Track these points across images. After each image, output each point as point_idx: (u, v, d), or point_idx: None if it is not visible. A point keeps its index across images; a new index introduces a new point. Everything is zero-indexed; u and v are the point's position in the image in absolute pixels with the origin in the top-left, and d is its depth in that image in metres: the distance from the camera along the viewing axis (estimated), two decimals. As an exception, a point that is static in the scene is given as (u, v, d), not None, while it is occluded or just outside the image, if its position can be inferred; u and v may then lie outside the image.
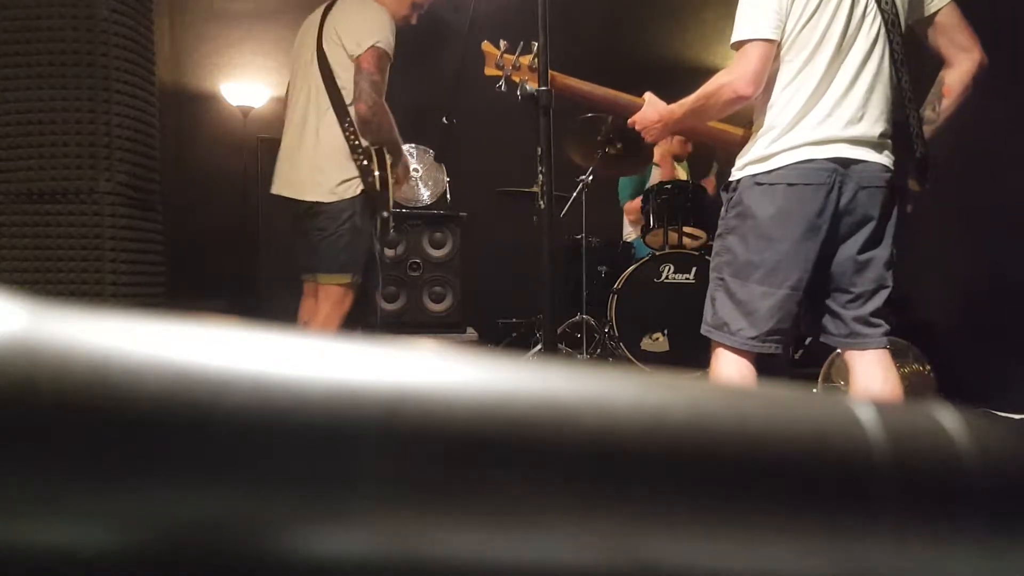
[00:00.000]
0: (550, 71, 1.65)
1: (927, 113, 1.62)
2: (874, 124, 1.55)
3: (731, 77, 1.58)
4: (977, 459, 0.24)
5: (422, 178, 4.28)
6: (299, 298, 2.52)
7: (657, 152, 3.99)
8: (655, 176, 3.96)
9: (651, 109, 1.81)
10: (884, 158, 1.56)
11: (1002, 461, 0.25)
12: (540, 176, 1.64)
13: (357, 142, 2.32)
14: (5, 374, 0.18)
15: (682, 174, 4.08)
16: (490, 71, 1.96)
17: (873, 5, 1.54)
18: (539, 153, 1.63)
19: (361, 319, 2.55)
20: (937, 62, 1.62)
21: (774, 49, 1.56)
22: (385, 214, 2.35)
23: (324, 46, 2.36)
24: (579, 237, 3.55)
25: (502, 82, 1.87)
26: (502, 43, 1.91)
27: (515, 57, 1.91)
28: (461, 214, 4.20)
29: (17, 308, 0.19)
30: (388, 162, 2.39)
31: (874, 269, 1.56)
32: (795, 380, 2.92)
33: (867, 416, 0.24)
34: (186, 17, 4.55)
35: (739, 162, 1.66)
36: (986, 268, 3.12)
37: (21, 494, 0.18)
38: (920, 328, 3.21)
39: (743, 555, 0.23)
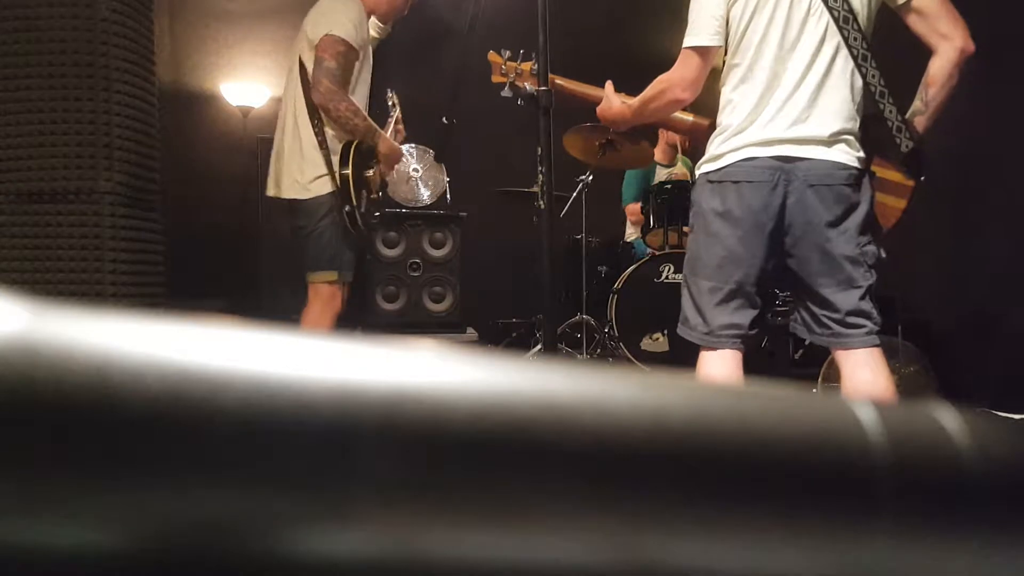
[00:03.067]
0: (550, 74, 1.68)
1: (917, 104, 1.60)
2: (824, 123, 1.54)
3: (669, 83, 1.66)
4: (977, 459, 0.24)
5: (422, 178, 4.28)
6: (299, 298, 2.52)
7: (658, 151, 3.99)
8: (659, 175, 3.96)
9: (607, 104, 1.87)
10: (838, 155, 1.54)
11: (1002, 461, 0.25)
12: (540, 176, 1.64)
13: (322, 137, 2.32)
14: (5, 374, 0.18)
15: (684, 170, 4.08)
16: (496, 78, 2.02)
17: (819, 4, 1.54)
18: (539, 153, 1.64)
19: (360, 318, 2.54)
20: (926, 50, 1.60)
21: (712, 54, 1.62)
22: (347, 208, 2.31)
23: (299, 43, 2.38)
24: (579, 237, 3.55)
25: (507, 88, 1.92)
26: (505, 52, 1.98)
27: (517, 64, 1.96)
28: (461, 214, 4.20)
29: (17, 308, 0.19)
30: (355, 154, 2.34)
31: (838, 268, 1.54)
32: (795, 380, 2.92)
33: (867, 416, 0.24)
34: (186, 17, 4.56)
35: (700, 160, 1.70)
36: (986, 268, 3.12)
37: (21, 494, 0.18)
38: (920, 328, 3.21)
39: (743, 555, 0.23)
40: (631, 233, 4.05)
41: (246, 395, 0.19)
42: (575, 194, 3.42)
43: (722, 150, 1.60)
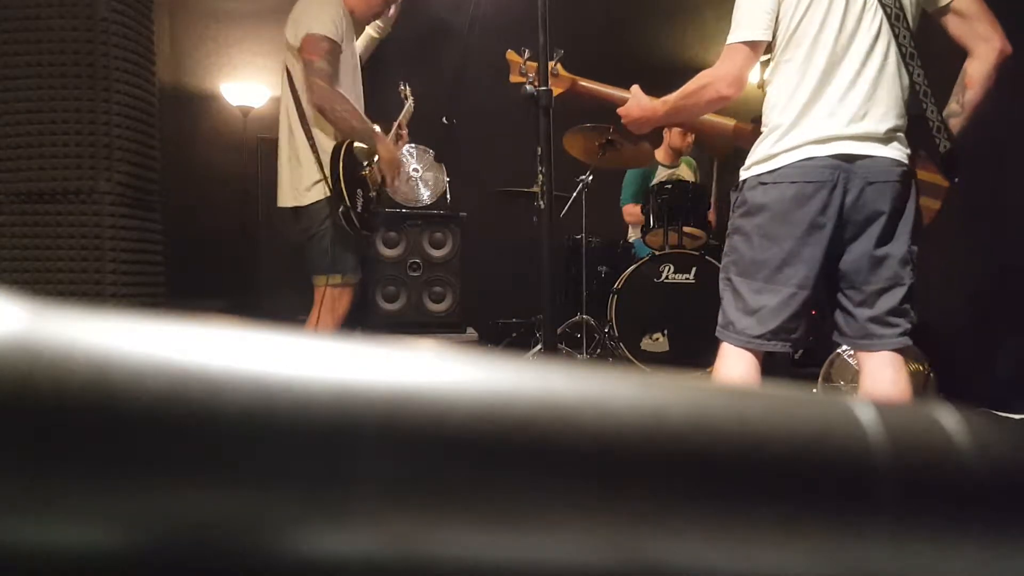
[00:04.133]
0: (570, 75, 1.66)
1: (952, 106, 1.60)
2: (880, 120, 1.52)
3: (714, 77, 1.60)
4: (977, 459, 0.24)
5: (422, 178, 4.28)
6: (299, 298, 2.52)
7: (660, 151, 3.99)
8: (661, 175, 3.96)
9: (635, 104, 1.82)
10: (894, 152, 1.53)
11: (1002, 461, 0.25)
12: (540, 176, 1.64)
13: (313, 142, 2.32)
14: (5, 374, 0.18)
15: (687, 171, 4.08)
16: (515, 78, 2.01)
17: (873, 0, 1.53)
18: (539, 153, 1.64)
19: (362, 319, 2.54)
20: (963, 53, 1.59)
21: (760, 50, 1.58)
22: (341, 208, 2.30)
23: (285, 52, 2.38)
24: (579, 237, 3.55)
25: (526, 87, 1.92)
26: (525, 51, 1.96)
27: (537, 63, 1.97)
28: (461, 214, 4.20)
29: (17, 308, 0.19)
30: (346, 155, 2.33)
31: (888, 267, 1.53)
32: (795, 380, 2.92)
33: (867, 416, 0.24)
34: (186, 17, 4.56)
35: (747, 162, 1.66)
36: (986, 268, 3.12)
37: (21, 494, 0.18)
38: (920, 328, 3.21)
39: (743, 555, 0.23)
40: (632, 233, 4.05)
41: (246, 395, 0.19)
42: (575, 194, 3.42)
43: (776, 150, 1.56)
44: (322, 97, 2.24)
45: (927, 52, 1.59)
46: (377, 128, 2.47)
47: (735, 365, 1.59)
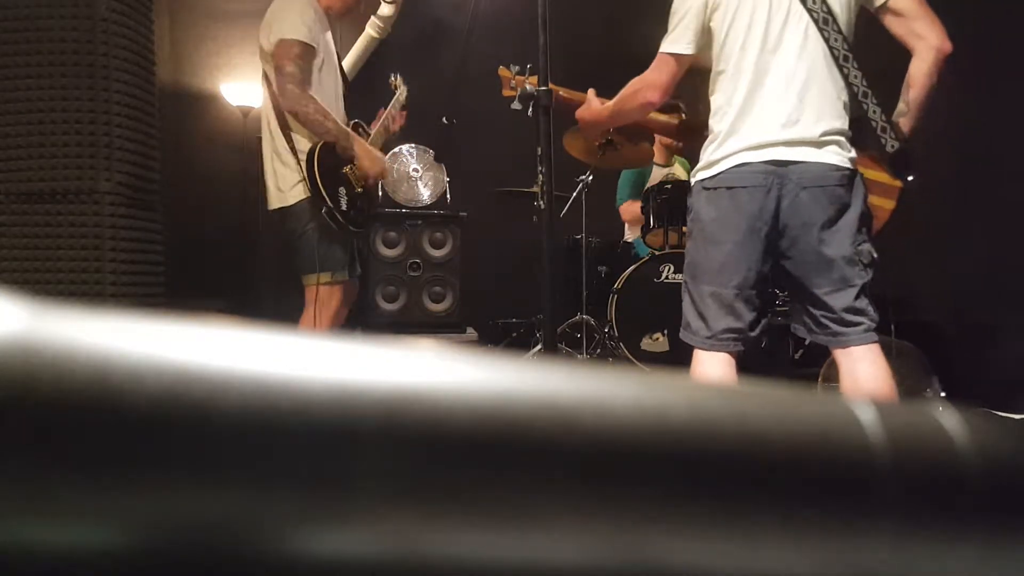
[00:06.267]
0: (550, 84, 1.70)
1: (900, 106, 1.63)
2: (813, 124, 1.56)
3: (642, 84, 1.72)
4: (977, 459, 0.24)
5: (422, 178, 4.28)
6: (299, 298, 2.52)
7: (657, 150, 3.99)
8: (655, 176, 3.95)
9: (586, 108, 1.91)
10: (829, 156, 1.56)
11: (1002, 461, 0.25)
12: (540, 176, 1.65)
13: (292, 144, 2.33)
14: (5, 374, 0.18)
15: (681, 171, 4.07)
16: (507, 92, 2.09)
17: (798, 7, 1.57)
18: (539, 153, 1.64)
19: (362, 319, 2.54)
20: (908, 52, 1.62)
21: (684, 62, 1.68)
22: (324, 209, 2.31)
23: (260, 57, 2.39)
24: (579, 237, 3.55)
25: (516, 101, 1.96)
26: (514, 67, 2.06)
27: (525, 78, 2.04)
28: (461, 214, 4.20)
29: (17, 308, 0.19)
30: (322, 154, 2.33)
31: (836, 268, 1.56)
32: (795, 380, 2.91)
33: (867, 416, 0.24)
34: (186, 17, 4.55)
35: (695, 169, 1.73)
36: (986, 268, 3.12)
37: (21, 494, 0.18)
38: (920, 328, 3.21)
39: (743, 555, 0.23)
40: (630, 233, 4.05)
41: (246, 395, 0.19)
42: (575, 194, 3.42)
43: (715, 156, 1.63)
44: (293, 102, 2.25)
45: (881, 51, 1.61)
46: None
47: (704, 365, 1.64)
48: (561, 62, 1.87)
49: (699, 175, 1.68)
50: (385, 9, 2.76)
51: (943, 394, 2.67)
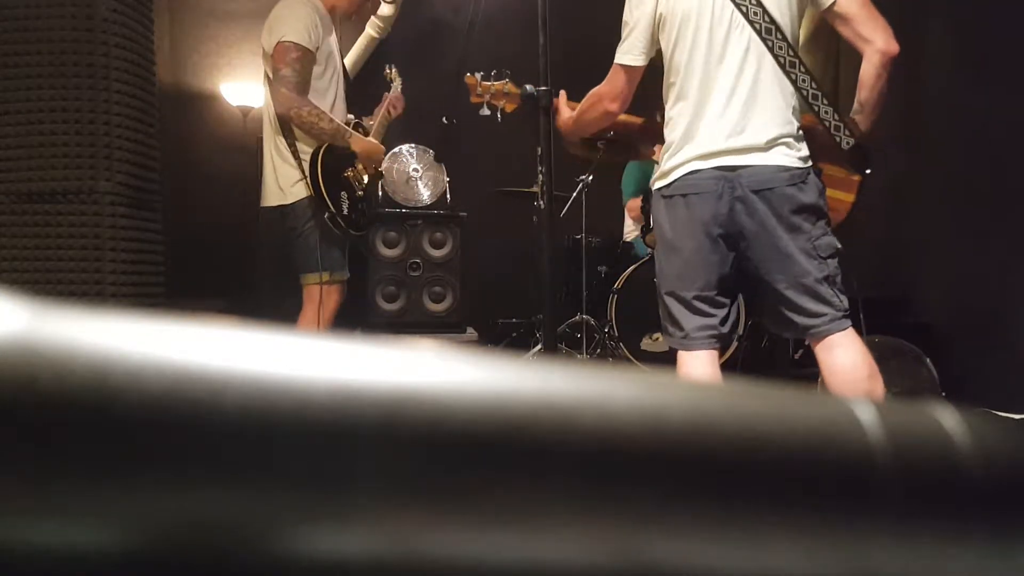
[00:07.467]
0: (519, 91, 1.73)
1: (855, 105, 1.67)
2: (760, 131, 1.59)
3: (600, 95, 1.79)
4: (977, 459, 0.24)
5: (422, 178, 4.27)
6: (298, 298, 2.53)
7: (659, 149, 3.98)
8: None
9: (557, 114, 1.94)
10: (777, 158, 1.59)
11: (1002, 461, 0.25)
12: (540, 176, 1.65)
13: (294, 148, 2.35)
14: (5, 374, 0.18)
15: None
16: (474, 99, 2.10)
17: (739, 19, 1.60)
18: (539, 153, 1.64)
19: (362, 319, 2.55)
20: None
21: (636, 73, 1.73)
22: (327, 215, 2.33)
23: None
24: (579, 237, 3.55)
25: (484, 107, 1.99)
26: (478, 74, 2.07)
27: (491, 84, 2.05)
28: (461, 214, 4.20)
29: (17, 308, 0.19)
30: (325, 159, 2.35)
31: (795, 263, 1.59)
32: (795, 380, 2.92)
33: (867, 416, 0.24)
34: (186, 17, 4.55)
35: (652, 179, 1.78)
36: (986, 268, 3.12)
37: (21, 494, 0.18)
38: (920, 328, 3.21)
39: (743, 555, 0.23)
40: (630, 232, 4.05)
41: (246, 395, 0.19)
42: (575, 194, 3.42)
43: (669, 166, 1.68)
44: (286, 104, 2.27)
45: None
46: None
47: (686, 365, 1.69)
48: (561, 62, 1.87)
49: (656, 184, 1.73)
50: (385, 9, 2.76)
51: (943, 394, 2.67)
